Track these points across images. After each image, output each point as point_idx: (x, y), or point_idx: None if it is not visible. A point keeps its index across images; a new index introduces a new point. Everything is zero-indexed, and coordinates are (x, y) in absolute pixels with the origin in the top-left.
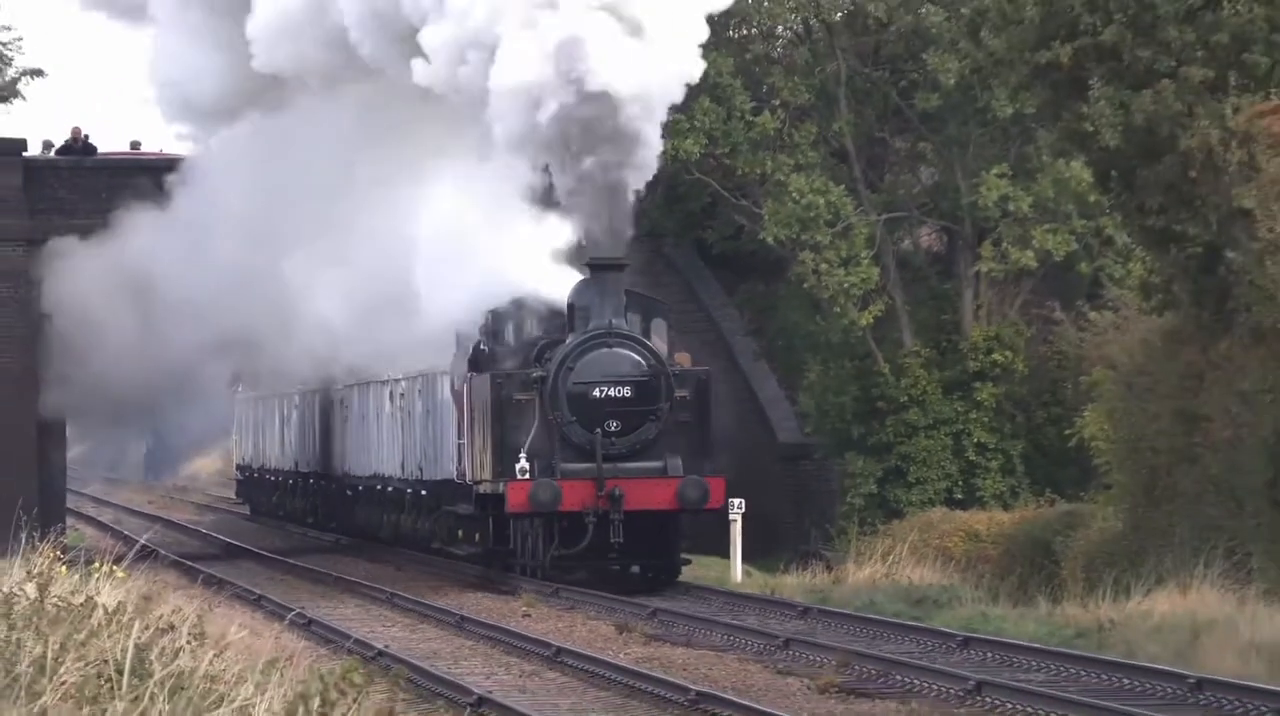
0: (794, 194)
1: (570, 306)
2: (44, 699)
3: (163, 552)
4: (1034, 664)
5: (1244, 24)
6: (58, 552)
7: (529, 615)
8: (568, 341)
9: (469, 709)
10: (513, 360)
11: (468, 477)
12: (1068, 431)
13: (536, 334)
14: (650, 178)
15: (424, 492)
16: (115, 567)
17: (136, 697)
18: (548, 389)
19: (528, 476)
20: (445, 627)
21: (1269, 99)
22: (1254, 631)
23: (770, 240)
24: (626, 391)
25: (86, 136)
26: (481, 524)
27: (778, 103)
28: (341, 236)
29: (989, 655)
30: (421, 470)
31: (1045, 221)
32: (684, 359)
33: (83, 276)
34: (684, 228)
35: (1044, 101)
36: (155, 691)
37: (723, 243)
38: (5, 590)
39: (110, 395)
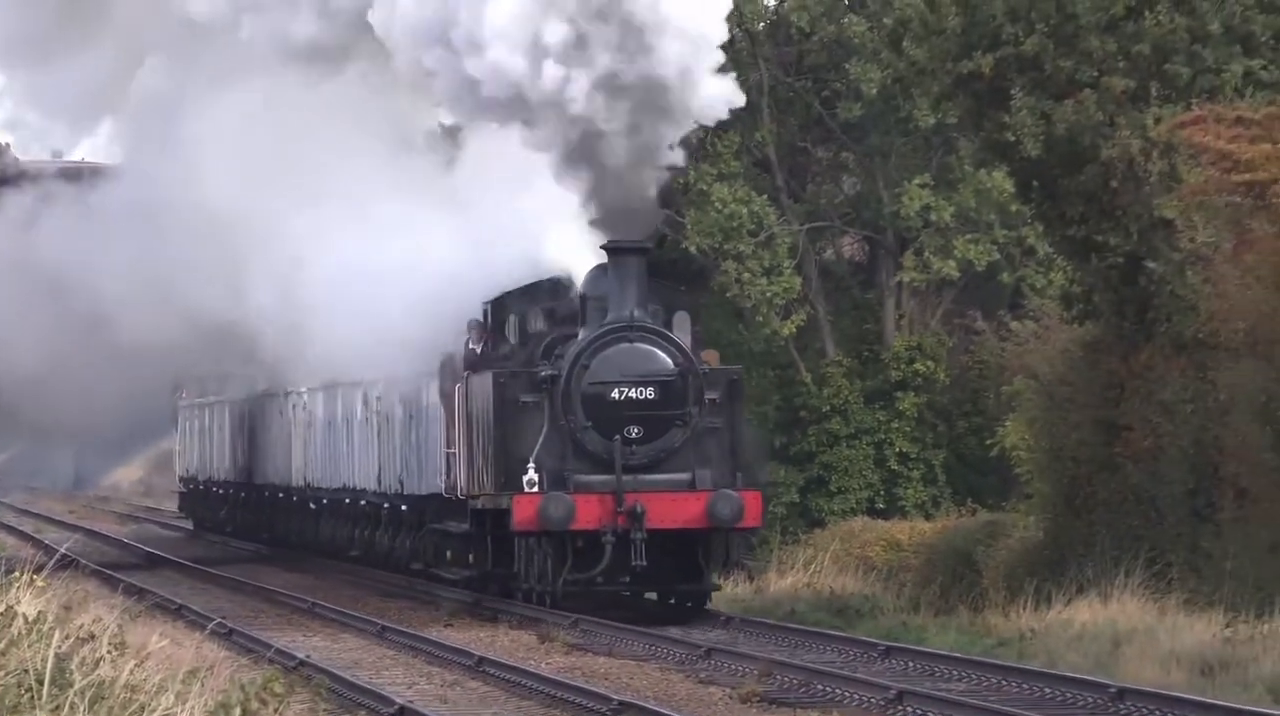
0: (716, 203)
1: (582, 297)
2: None
3: (83, 562)
4: (956, 673)
5: (1165, 34)
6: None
7: (451, 625)
8: (580, 336)
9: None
10: (515, 358)
11: (460, 491)
12: (989, 441)
13: (541, 328)
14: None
15: (404, 508)
16: (35, 577)
17: (57, 707)
18: (559, 390)
19: (537, 489)
20: (367, 637)
21: (1190, 109)
22: (1174, 640)
23: (693, 249)
24: (650, 393)
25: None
26: (478, 543)
27: None
28: (343, 209)
29: (911, 664)
30: (402, 483)
31: (967, 231)
32: (711, 357)
33: None
34: None
35: (966, 111)
36: (75, 701)
37: None
38: None
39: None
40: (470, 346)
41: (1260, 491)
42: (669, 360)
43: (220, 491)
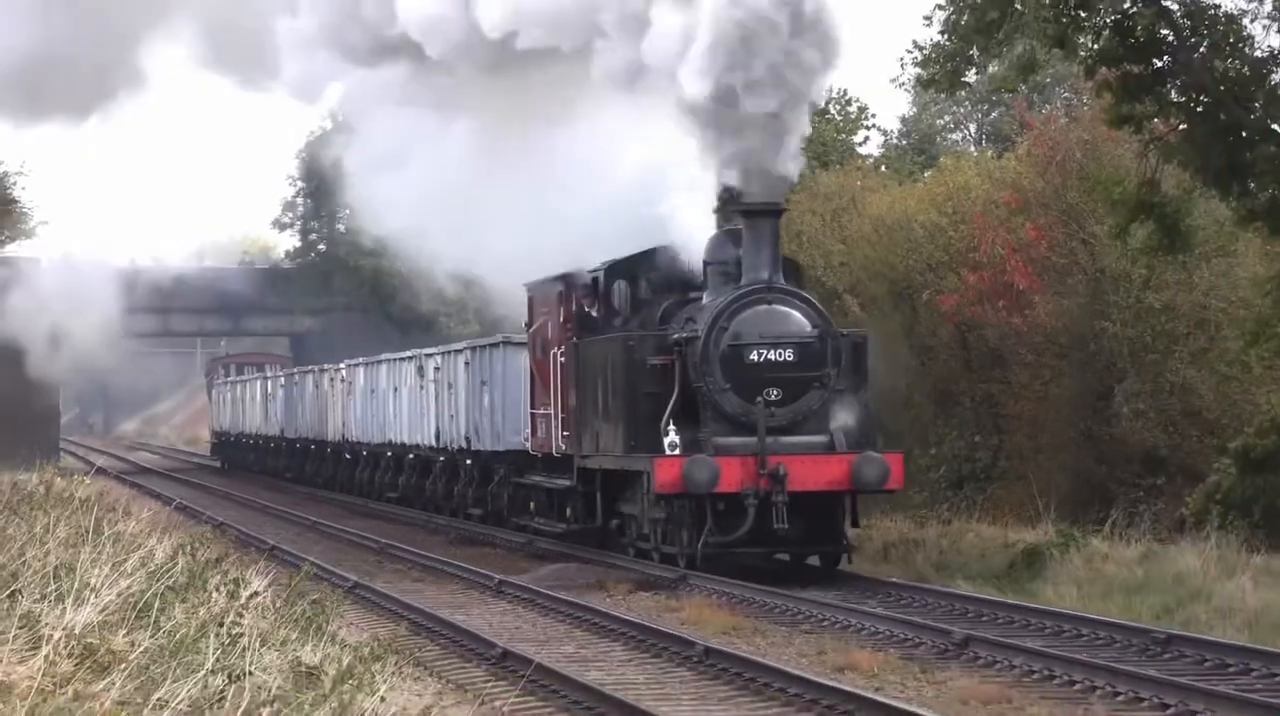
0: None
1: (705, 263)
2: (48, 546)
3: (110, 471)
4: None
5: None
6: (55, 470)
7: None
8: (705, 300)
9: (270, 548)
10: (629, 323)
11: (556, 449)
12: None
13: (646, 295)
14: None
15: (469, 462)
16: (84, 478)
17: (97, 547)
18: (696, 352)
19: (678, 452)
20: (274, 516)
21: None
22: None
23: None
24: (789, 354)
25: None
26: (582, 500)
27: None
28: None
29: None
30: (469, 441)
31: None
32: None
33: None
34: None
35: None
36: (105, 543)
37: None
38: (29, 488)
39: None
40: (586, 311)
41: None
42: (806, 322)
43: (250, 441)
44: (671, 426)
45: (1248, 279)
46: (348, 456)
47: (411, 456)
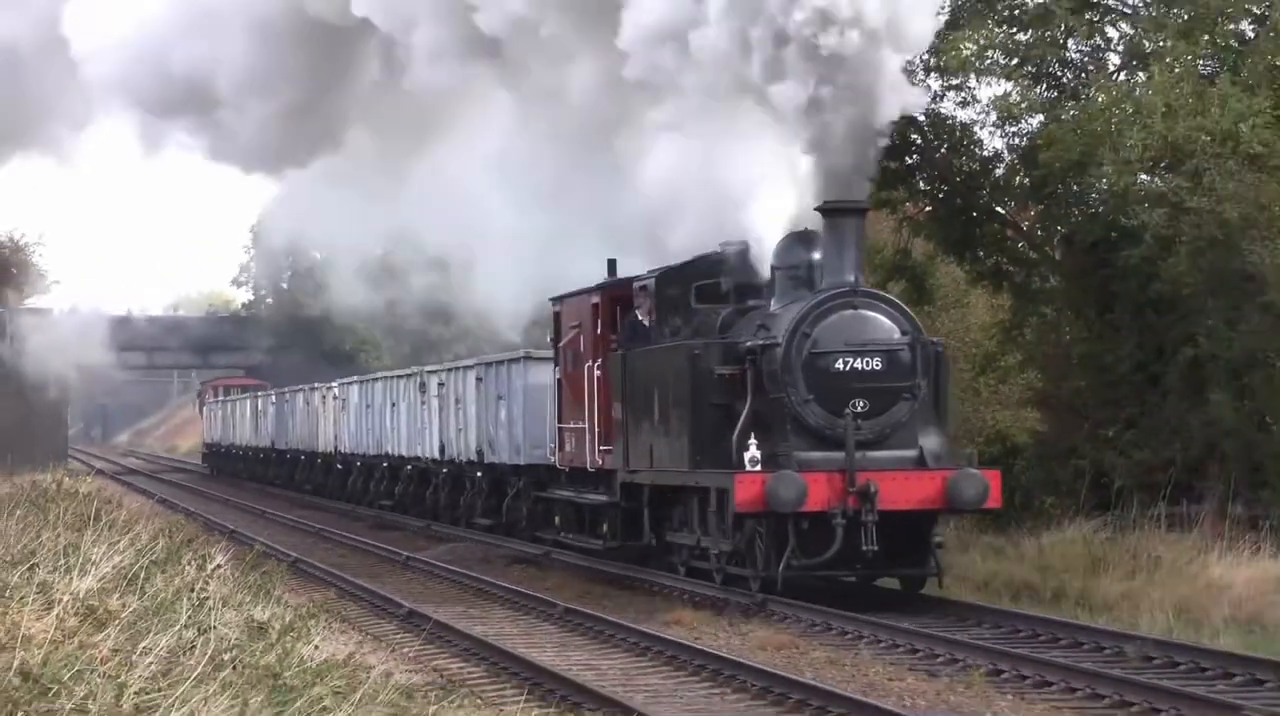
0: None
1: (774, 269)
2: (58, 530)
3: (106, 472)
4: None
5: None
6: (64, 471)
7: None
8: (800, 304)
9: (231, 533)
10: (682, 333)
11: (591, 464)
12: None
13: (700, 304)
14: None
15: (479, 474)
16: (87, 477)
17: (96, 530)
18: (774, 360)
19: (760, 468)
20: (235, 507)
21: None
22: None
23: None
24: (877, 363)
25: None
26: (627, 516)
27: None
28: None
29: None
30: (480, 454)
31: None
32: None
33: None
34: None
35: None
36: (102, 528)
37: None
38: (44, 485)
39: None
40: (638, 319)
41: None
42: (895, 328)
43: (239, 452)
44: (752, 440)
45: (977, 324)
46: (339, 466)
47: (410, 467)
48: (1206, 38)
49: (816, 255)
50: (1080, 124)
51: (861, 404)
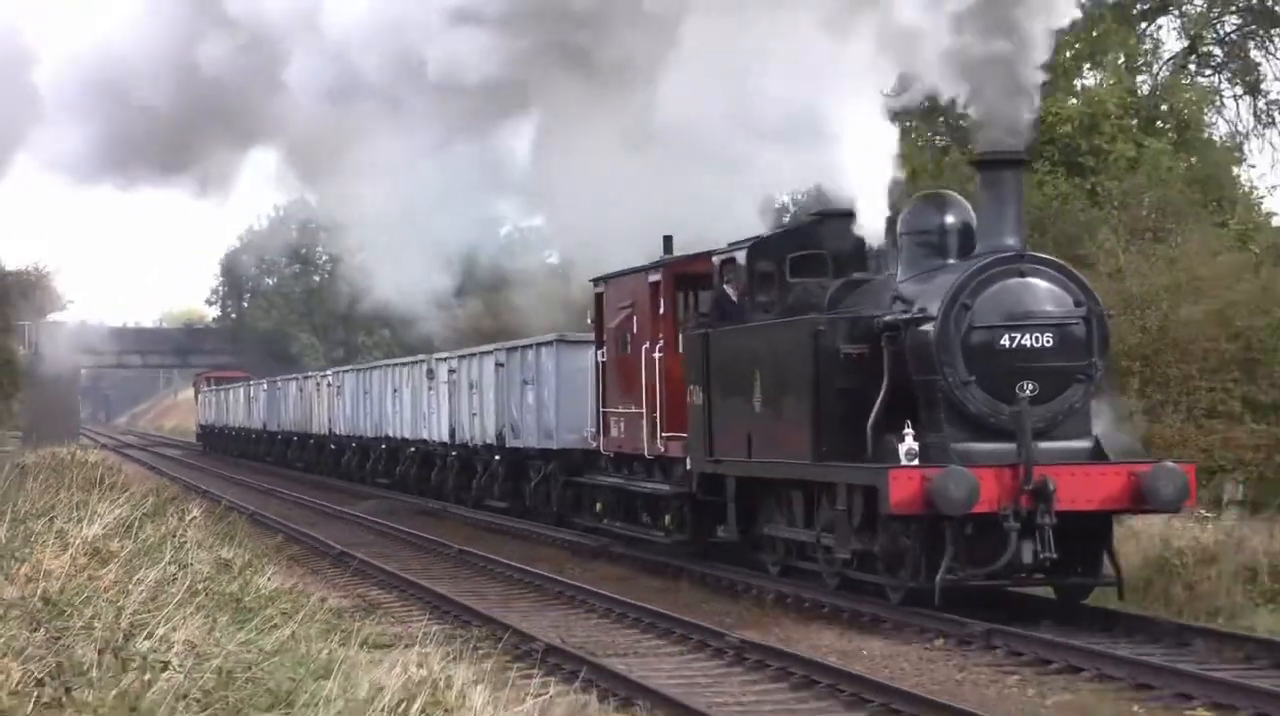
0: None
1: (901, 235)
2: (71, 489)
3: (108, 446)
4: None
5: None
6: (77, 446)
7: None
8: (955, 273)
9: (223, 501)
10: (775, 309)
11: (649, 451)
12: None
13: (794, 278)
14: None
15: (497, 458)
16: (94, 450)
17: (102, 494)
18: (923, 337)
19: (915, 461)
20: (210, 475)
21: None
22: None
23: None
24: (1047, 340)
25: None
26: (696, 507)
27: None
28: None
29: None
30: (501, 437)
31: None
32: None
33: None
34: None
35: None
36: (106, 488)
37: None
38: (61, 456)
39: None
40: (727, 293)
41: None
42: (1069, 298)
43: (232, 433)
44: (909, 430)
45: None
46: (333, 447)
47: (413, 449)
48: None
49: (950, 219)
50: None
51: (1030, 387)
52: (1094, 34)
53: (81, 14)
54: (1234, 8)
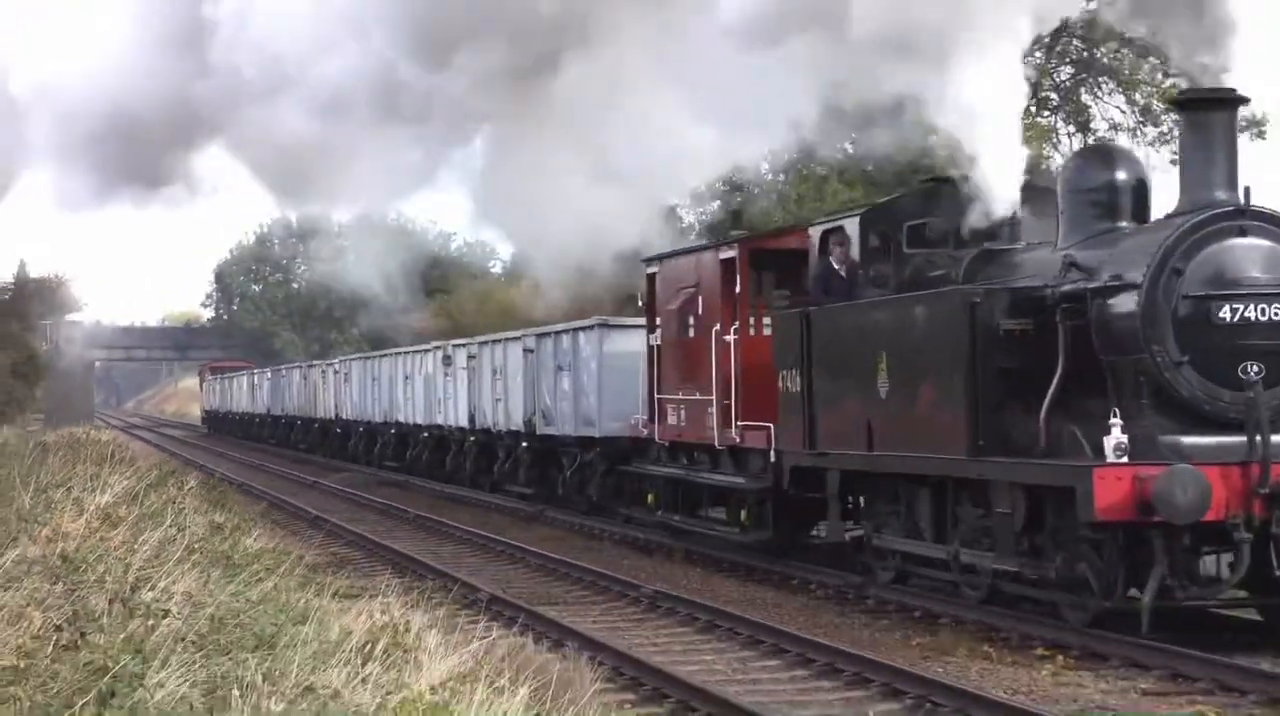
0: None
1: (1064, 194)
2: (87, 463)
3: (118, 427)
4: None
5: None
6: (91, 427)
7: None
8: (1165, 231)
9: (200, 466)
10: (891, 282)
11: (720, 441)
12: None
13: (911, 249)
14: None
15: (524, 445)
16: (106, 431)
17: (113, 467)
18: (1131, 308)
19: (1124, 457)
20: (205, 451)
21: None
22: None
23: None
24: (1276, 312)
25: None
26: (779, 501)
27: None
28: None
29: None
30: (531, 424)
31: None
32: None
33: None
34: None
35: None
36: (116, 462)
37: (265, 347)
38: (78, 435)
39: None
40: (834, 267)
41: None
42: None
43: (235, 417)
44: (1116, 419)
45: None
46: (339, 431)
47: (425, 434)
48: None
49: (1121, 174)
50: None
51: (1255, 368)
52: None
53: (63, 57)
54: (1068, 60)
